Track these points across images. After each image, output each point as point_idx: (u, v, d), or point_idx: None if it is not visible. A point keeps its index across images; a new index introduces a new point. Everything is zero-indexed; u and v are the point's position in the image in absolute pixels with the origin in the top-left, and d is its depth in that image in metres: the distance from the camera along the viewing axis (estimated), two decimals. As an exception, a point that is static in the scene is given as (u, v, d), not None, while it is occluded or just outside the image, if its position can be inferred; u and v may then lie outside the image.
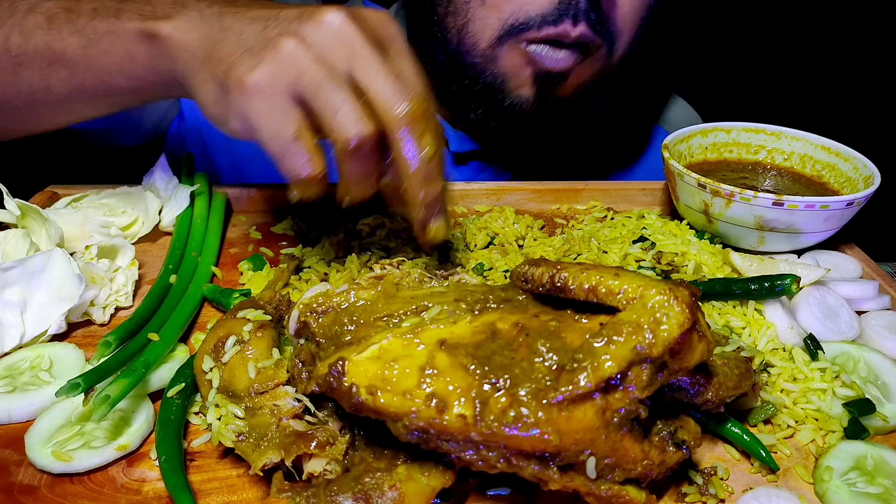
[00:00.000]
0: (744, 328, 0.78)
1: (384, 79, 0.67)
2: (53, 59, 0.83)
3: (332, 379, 0.54)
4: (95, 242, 0.86)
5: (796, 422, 0.69)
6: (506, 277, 0.88)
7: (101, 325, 0.81)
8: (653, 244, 0.93)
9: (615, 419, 0.52)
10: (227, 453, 0.63)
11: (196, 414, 0.68)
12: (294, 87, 0.67)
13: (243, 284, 0.90)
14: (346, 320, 0.63)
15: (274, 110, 0.67)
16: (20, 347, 0.75)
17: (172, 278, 0.85)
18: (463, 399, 0.51)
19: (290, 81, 0.67)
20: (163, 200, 1.02)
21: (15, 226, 0.89)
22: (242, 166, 1.33)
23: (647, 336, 0.52)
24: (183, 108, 1.30)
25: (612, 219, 1.05)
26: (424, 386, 0.52)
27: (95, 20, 0.81)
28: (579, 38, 0.97)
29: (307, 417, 0.62)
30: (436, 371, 0.53)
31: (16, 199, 0.87)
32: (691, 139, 1.06)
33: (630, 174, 1.38)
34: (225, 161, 1.34)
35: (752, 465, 0.65)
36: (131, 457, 0.63)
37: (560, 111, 1.09)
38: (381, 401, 0.52)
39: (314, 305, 0.66)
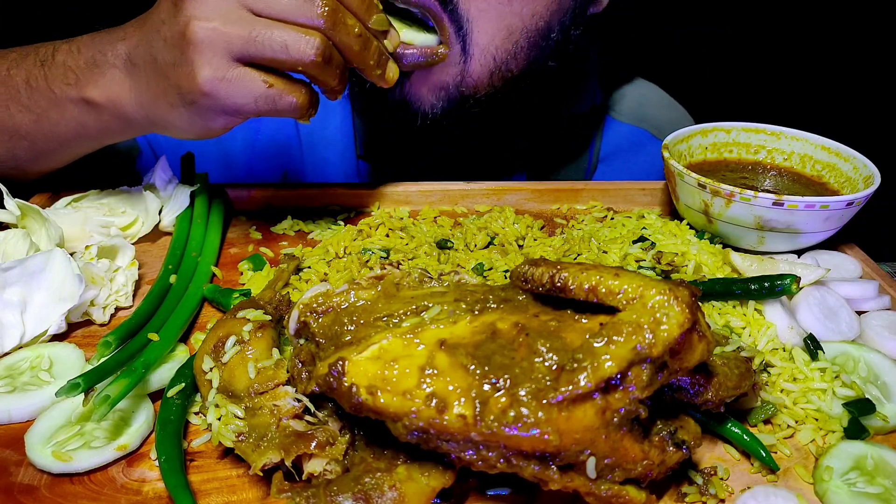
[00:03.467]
0: (744, 328, 0.78)
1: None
2: (12, 133, 0.90)
3: (332, 379, 0.54)
4: (95, 242, 0.86)
5: (796, 422, 0.69)
6: (506, 277, 0.88)
7: (101, 325, 0.81)
8: (653, 244, 0.93)
9: (615, 419, 0.52)
10: (227, 453, 0.63)
11: (196, 414, 0.68)
12: (234, 56, 0.74)
13: (243, 284, 0.90)
14: (346, 320, 0.63)
15: (237, 84, 0.75)
16: (20, 347, 0.75)
17: (172, 278, 0.85)
18: (463, 399, 0.51)
19: (227, 54, 0.74)
20: (163, 200, 1.02)
21: (15, 226, 0.89)
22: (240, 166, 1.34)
23: (647, 336, 0.52)
24: None
25: (612, 219, 1.05)
26: (424, 386, 0.52)
27: (34, 95, 0.87)
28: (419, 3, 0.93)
29: (307, 417, 0.62)
30: (436, 371, 0.53)
31: (16, 199, 0.87)
32: (691, 139, 1.06)
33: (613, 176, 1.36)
34: (224, 161, 1.34)
35: (752, 465, 0.65)
36: (131, 457, 0.63)
37: (435, 120, 1.05)
38: (381, 401, 0.52)
39: (314, 305, 0.66)
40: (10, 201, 0.87)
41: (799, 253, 0.96)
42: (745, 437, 0.64)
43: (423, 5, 0.94)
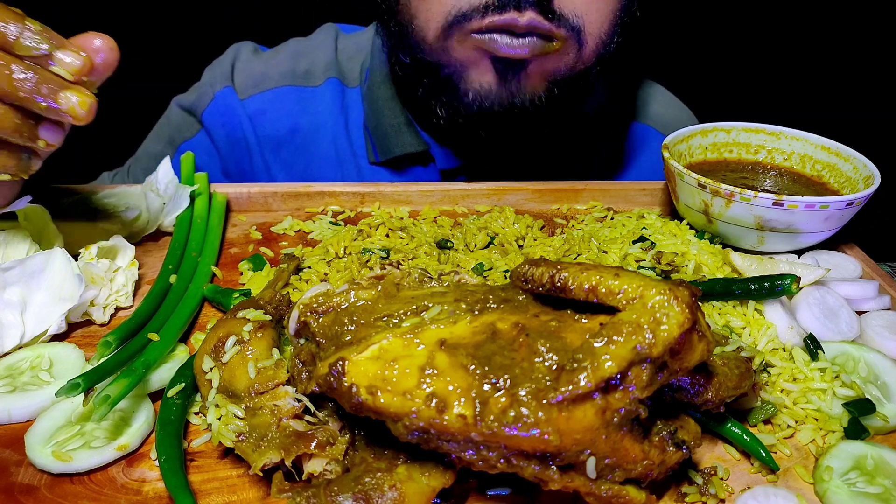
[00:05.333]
0: (744, 328, 0.78)
1: None
2: None
3: (332, 379, 0.54)
4: (96, 243, 0.86)
5: (796, 422, 0.69)
6: (506, 277, 0.88)
7: (102, 325, 0.81)
8: (653, 244, 0.93)
9: (615, 419, 0.52)
10: (227, 453, 0.63)
11: (196, 414, 0.68)
12: None
13: (243, 284, 0.90)
14: (346, 320, 0.63)
15: None
16: (20, 347, 0.75)
17: (172, 278, 0.85)
18: (463, 399, 0.51)
19: None
20: (163, 200, 1.02)
21: (15, 226, 0.89)
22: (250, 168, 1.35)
23: (647, 336, 0.52)
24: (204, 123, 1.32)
25: (612, 219, 1.05)
26: (424, 386, 0.52)
27: None
28: (530, 26, 0.95)
29: (307, 417, 0.62)
30: (436, 371, 0.53)
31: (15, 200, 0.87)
32: (691, 139, 1.06)
33: (622, 176, 1.38)
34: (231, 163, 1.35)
35: (752, 465, 0.65)
36: (131, 457, 0.63)
37: (535, 109, 1.07)
38: (381, 401, 0.52)
39: (314, 305, 0.66)
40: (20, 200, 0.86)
41: (799, 253, 0.96)
42: (745, 437, 0.64)
43: (532, 27, 0.96)
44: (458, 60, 1.02)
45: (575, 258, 0.93)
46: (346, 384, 0.53)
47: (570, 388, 0.50)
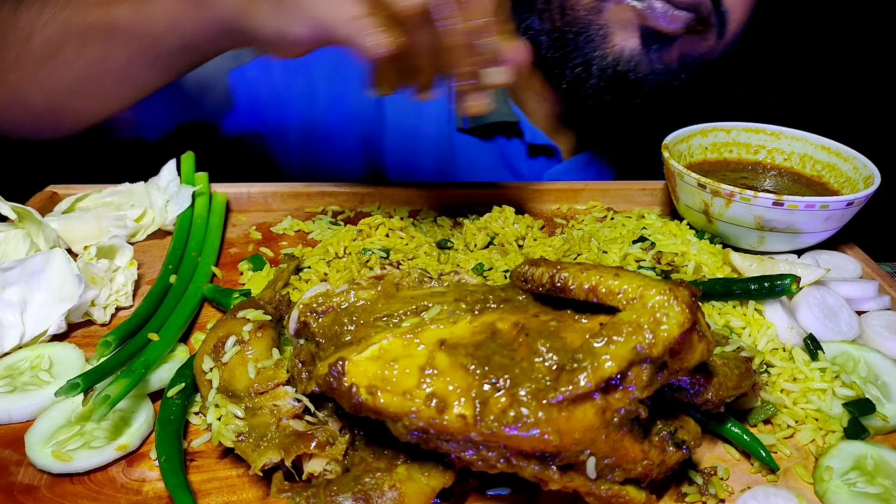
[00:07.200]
0: (744, 328, 0.78)
1: None
2: (109, 30, 0.88)
3: (332, 379, 0.54)
4: (95, 243, 0.87)
5: (796, 422, 0.69)
6: (506, 277, 0.88)
7: (102, 325, 0.81)
8: (653, 244, 0.93)
9: (615, 419, 0.52)
10: (227, 453, 0.63)
11: (196, 414, 0.68)
12: None
13: (243, 284, 0.90)
14: (346, 320, 0.63)
15: None
16: (20, 347, 0.75)
17: (172, 278, 0.85)
18: (463, 399, 0.51)
19: None
20: (166, 199, 1.02)
21: (15, 226, 0.89)
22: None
23: (647, 336, 0.52)
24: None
25: (612, 219, 1.05)
26: (424, 386, 0.52)
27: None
28: (693, 2, 0.99)
29: (307, 417, 0.62)
30: (436, 371, 0.53)
31: (10, 203, 0.86)
32: (691, 139, 1.06)
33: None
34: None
35: (752, 465, 0.65)
36: (131, 457, 0.63)
37: (659, 83, 1.10)
38: (381, 401, 0.52)
39: (314, 305, 0.66)
40: (4, 205, 0.86)
41: (799, 253, 0.96)
42: (745, 437, 0.64)
43: (697, 5, 0.99)
44: (609, 21, 1.04)
45: (575, 258, 0.93)
46: (345, 384, 0.53)
47: (570, 388, 0.50)
